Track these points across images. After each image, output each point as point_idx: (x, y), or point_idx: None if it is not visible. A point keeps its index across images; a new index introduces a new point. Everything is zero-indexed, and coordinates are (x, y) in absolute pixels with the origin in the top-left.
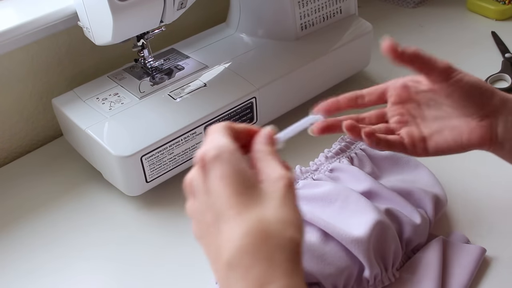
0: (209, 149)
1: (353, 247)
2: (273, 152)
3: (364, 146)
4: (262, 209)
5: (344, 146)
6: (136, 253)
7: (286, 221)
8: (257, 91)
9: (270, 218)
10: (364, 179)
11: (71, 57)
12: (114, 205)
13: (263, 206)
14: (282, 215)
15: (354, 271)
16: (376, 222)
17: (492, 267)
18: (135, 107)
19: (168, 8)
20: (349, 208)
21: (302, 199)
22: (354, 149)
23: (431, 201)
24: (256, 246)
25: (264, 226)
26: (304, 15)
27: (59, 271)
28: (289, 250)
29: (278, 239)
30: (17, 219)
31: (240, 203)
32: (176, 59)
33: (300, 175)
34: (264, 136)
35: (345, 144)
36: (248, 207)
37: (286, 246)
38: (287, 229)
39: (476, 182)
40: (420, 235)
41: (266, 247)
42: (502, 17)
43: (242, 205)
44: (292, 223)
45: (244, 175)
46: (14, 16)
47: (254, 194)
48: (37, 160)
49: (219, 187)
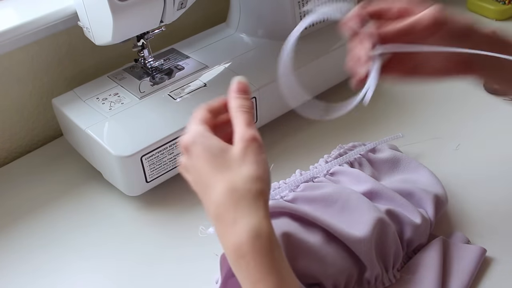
0: (186, 137)
1: (355, 247)
2: (241, 106)
3: (364, 152)
4: (230, 171)
5: (344, 152)
6: (135, 253)
7: (245, 176)
8: (257, 91)
9: (234, 177)
10: (364, 180)
11: (71, 57)
12: (114, 205)
13: (231, 168)
14: (242, 172)
15: (355, 271)
16: (377, 221)
17: (492, 267)
18: (135, 107)
19: (168, 8)
20: (350, 208)
21: (303, 200)
22: (353, 155)
23: (432, 201)
24: (227, 200)
25: (231, 184)
26: (304, 15)
27: (58, 271)
28: (249, 197)
29: (240, 191)
30: (17, 219)
31: (215, 171)
32: (176, 59)
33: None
34: (233, 90)
35: (344, 150)
36: (221, 172)
37: (247, 195)
38: (247, 182)
39: (476, 182)
40: (421, 235)
41: (233, 200)
42: (502, 17)
43: (217, 171)
44: (250, 175)
45: (214, 148)
46: (14, 16)
47: (225, 160)
48: (37, 160)
49: (198, 162)
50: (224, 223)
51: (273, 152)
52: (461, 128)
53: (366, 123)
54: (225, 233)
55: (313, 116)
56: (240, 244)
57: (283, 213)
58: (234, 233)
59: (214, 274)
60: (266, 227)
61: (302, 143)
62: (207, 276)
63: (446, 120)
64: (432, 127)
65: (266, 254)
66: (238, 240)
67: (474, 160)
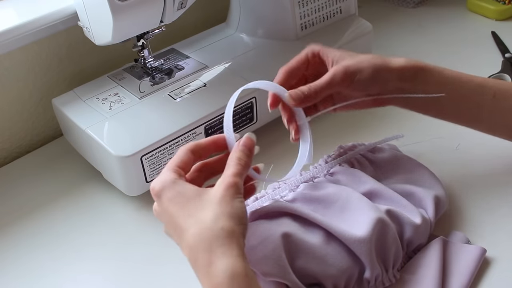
0: (155, 183)
1: (356, 247)
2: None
3: (364, 152)
4: (202, 212)
5: (344, 152)
6: (136, 253)
7: (218, 215)
8: (257, 91)
9: (207, 217)
10: (364, 180)
11: (71, 57)
12: (114, 205)
13: (204, 209)
14: (215, 211)
15: (355, 271)
16: (377, 221)
17: (492, 267)
18: (135, 107)
19: (168, 8)
20: (350, 208)
21: (303, 200)
22: (353, 155)
23: (432, 202)
24: (200, 242)
25: (203, 225)
26: (304, 15)
27: (58, 271)
28: (222, 237)
29: (212, 231)
30: (17, 219)
31: (188, 214)
32: (176, 59)
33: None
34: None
35: (344, 150)
36: (191, 216)
37: (219, 235)
38: (219, 221)
39: (476, 182)
40: (421, 235)
41: (207, 241)
42: (502, 17)
43: (189, 215)
44: (224, 215)
45: (185, 193)
46: (14, 16)
47: (196, 203)
48: (37, 160)
49: (170, 207)
50: (200, 265)
51: (273, 152)
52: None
53: (366, 123)
54: (203, 276)
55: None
56: (217, 285)
57: (283, 213)
58: (211, 275)
59: None
60: (240, 265)
61: None
62: None
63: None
64: (432, 127)
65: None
66: (215, 282)
67: (474, 160)
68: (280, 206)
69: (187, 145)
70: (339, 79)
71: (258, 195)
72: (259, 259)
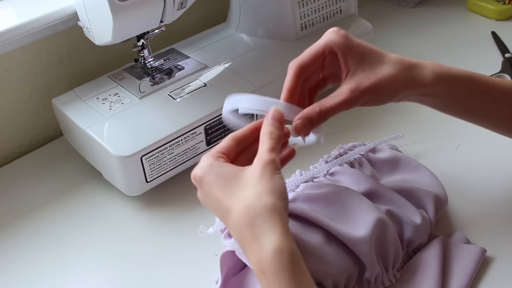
0: (195, 170)
1: (355, 247)
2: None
3: (364, 152)
4: (243, 191)
5: (344, 152)
6: (136, 253)
7: (259, 193)
8: (257, 91)
9: (249, 196)
10: (364, 180)
11: (71, 57)
12: (114, 205)
13: (244, 189)
14: (256, 189)
15: (355, 271)
16: (377, 221)
17: (492, 267)
18: (135, 107)
19: (168, 8)
20: (350, 208)
21: (303, 200)
22: (353, 155)
23: (432, 201)
24: (244, 220)
25: (245, 203)
26: (304, 15)
27: (59, 271)
28: (265, 214)
29: (254, 209)
30: (17, 219)
31: (230, 194)
32: (176, 59)
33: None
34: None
35: (344, 150)
36: (233, 195)
37: (263, 212)
38: (261, 198)
39: (477, 182)
40: (421, 235)
41: (249, 218)
42: (502, 17)
43: (231, 194)
44: (264, 192)
45: (227, 173)
46: (14, 16)
47: (239, 182)
48: (37, 160)
49: (212, 190)
50: (245, 243)
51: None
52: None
53: (366, 123)
54: (248, 252)
55: None
56: (261, 260)
57: None
58: (256, 250)
59: (214, 274)
60: (286, 242)
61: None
62: (207, 276)
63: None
64: (432, 127)
65: (284, 271)
66: (259, 257)
67: (474, 160)
68: None
69: (231, 134)
70: (352, 103)
71: None
72: None
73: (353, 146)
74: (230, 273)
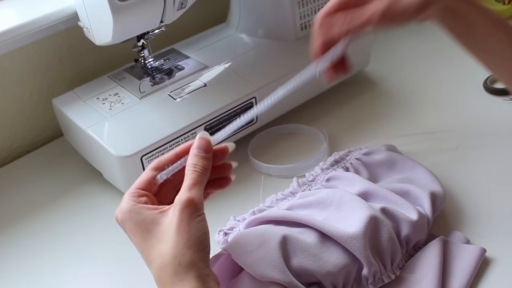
0: (117, 214)
1: (349, 244)
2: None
3: (359, 156)
4: (162, 244)
5: (339, 158)
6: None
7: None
8: (257, 91)
9: (166, 252)
10: (359, 181)
11: (71, 57)
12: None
13: (163, 241)
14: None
15: (353, 269)
16: (370, 218)
17: (492, 267)
18: (135, 107)
19: (168, 8)
20: (344, 208)
21: (299, 207)
22: (349, 160)
23: (428, 198)
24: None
25: (163, 260)
26: (304, 15)
27: (59, 271)
28: (181, 272)
29: (171, 266)
30: (17, 219)
31: (149, 246)
32: (176, 59)
33: (298, 188)
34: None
35: (339, 157)
36: (154, 247)
37: (178, 270)
38: (176, 257)
39: (476, 182)
40: (419, 231)
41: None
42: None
43: (151, 247)
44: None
45: (143, 223)
46: (14, 16)
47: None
48: (37, 160)
49: (133, 239)
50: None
51: (273, 152)
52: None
53: (366, 123)
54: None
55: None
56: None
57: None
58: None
59: None
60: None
61: (301, 144)
62: None
63: (446, 120)
64: (432, 127)
65: None
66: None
67: (474, 160)
68: (273, 215)
69: (152, 163)
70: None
71: (256, 209)
72: (255, 261)
73: (349, 152)
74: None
